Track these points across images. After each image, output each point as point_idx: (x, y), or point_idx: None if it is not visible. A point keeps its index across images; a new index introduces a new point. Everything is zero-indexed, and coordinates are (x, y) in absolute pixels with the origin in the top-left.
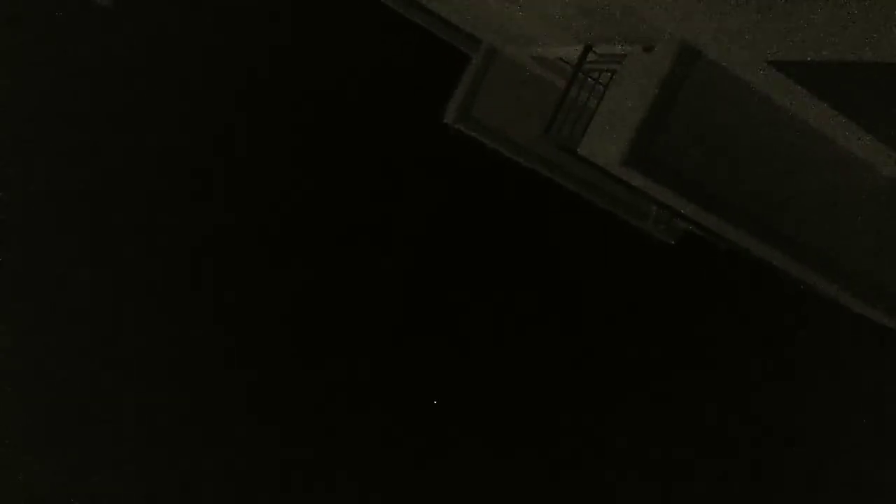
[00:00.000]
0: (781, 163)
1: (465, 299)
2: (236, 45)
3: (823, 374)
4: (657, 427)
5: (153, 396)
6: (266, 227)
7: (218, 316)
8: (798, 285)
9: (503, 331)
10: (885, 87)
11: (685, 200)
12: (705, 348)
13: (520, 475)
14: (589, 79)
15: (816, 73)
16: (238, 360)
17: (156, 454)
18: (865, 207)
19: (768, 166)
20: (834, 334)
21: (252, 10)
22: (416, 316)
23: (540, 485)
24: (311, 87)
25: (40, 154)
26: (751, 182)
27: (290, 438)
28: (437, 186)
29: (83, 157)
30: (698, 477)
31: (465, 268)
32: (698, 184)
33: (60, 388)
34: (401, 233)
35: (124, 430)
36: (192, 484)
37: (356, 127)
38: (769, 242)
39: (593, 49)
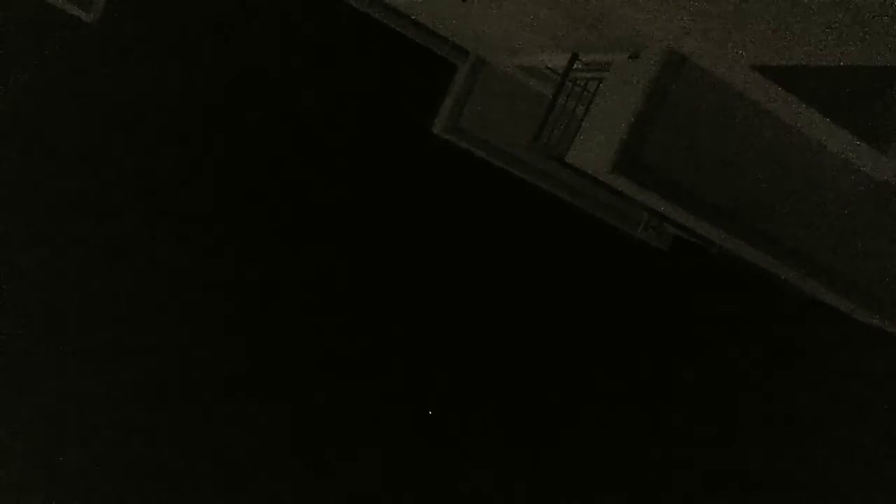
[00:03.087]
0: (770, 167)
1: (456, 308)
2: (221, 58)
3: (820, 377)
4: (653, 430)
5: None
6: (256, 237)
7: (216, 326)
8: (791, 289)
9: (495, 339)
10: (872, 90)
11: (674, 206)
12: (700, 353)
13: (511, 479)
14: (576, 87)
15: (802, 76)
16: (235, 361)
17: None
18: (856, 210)
19: (757, 170)
20: (830, 338)
21: (237, 22)
22: (408, 327)
23: (532, 487)
24: (300, 99)
25: (31, 167)
26: (739, 186)
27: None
28: (426, 198)
29: (73, 167)
30: (691, 482)
31: (455, 277)
32: (687, 189)
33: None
34: (392, 244)
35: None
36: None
37: (344, 139)
38: (759, 247)
39: (579, 57)
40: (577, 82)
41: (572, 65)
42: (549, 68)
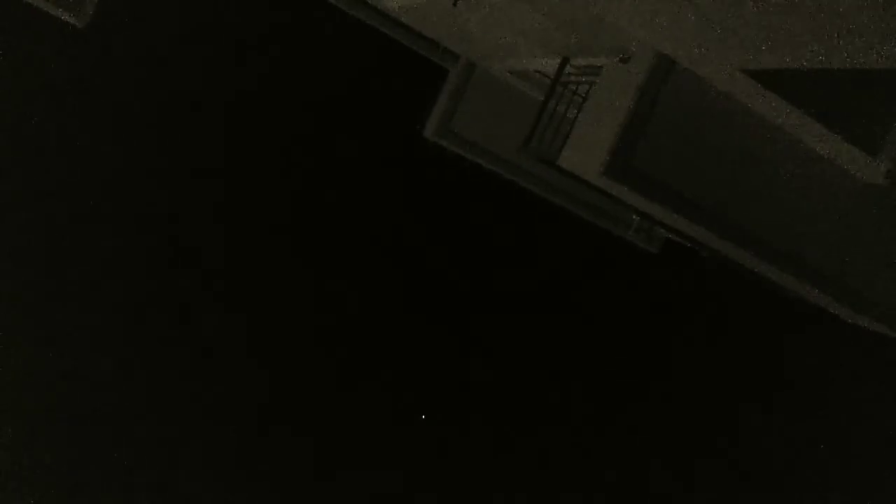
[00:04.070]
0: (760, 170)
1: (446, 311)
2: (210, 62)
3: (815, 380)
4: (648, 432)
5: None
6: (247, 239)
7: (214, 328)
8: (783, 292)
9: (485, 342)
10: (861, 94)
11: (665, 209)
12: (690, 354)
13: (506, 480)
14: (567, 90)
15: (791, 80)
16: (232, 363)
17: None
18: (847, 213)
19: (747, 174)
20: (824, 341)
21: (225, 27)
22: (399, 330)
23: (528, 489)
24: (292, 104)
25: (25, 170)
26: (730, 190)
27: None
28: (418, 201)
29: (67, 170)
30: (689, 483)
31: (446, 279)
32: (678, 193)
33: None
34: (383, 247)
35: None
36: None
37: (336, 143)
38: (749, 250)
39: (571, 61)
40: (569, 86)
41: (563, 69)
42: (541, 72)
